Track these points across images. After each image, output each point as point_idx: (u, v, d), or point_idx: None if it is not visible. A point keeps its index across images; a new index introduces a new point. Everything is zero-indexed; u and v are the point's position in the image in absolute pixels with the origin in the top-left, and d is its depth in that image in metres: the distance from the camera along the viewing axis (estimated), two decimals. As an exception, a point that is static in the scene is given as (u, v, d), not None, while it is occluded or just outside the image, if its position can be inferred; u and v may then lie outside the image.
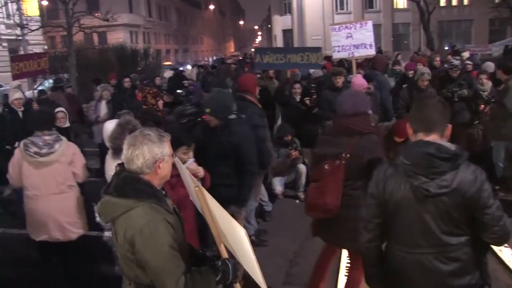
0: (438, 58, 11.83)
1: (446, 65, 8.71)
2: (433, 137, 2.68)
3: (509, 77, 6.93)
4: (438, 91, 8.26)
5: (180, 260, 2.55)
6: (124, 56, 23.28)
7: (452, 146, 2.64)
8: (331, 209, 4.06)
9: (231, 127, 4.90)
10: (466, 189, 2.56)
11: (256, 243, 6.11)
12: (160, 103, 7.13)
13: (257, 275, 2.59)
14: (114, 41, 30.95)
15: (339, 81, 7.83)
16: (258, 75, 9.95)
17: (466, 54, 13.89)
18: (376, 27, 42.39)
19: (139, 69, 21.07)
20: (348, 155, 4.00)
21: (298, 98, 8.16)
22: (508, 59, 9.93)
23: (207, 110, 4.95)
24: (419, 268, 2.71)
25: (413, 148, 2.70)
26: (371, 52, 10.15)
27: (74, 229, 4.93)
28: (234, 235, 2.62)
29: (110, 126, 4.77)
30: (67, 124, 7.68)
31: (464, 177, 2.56)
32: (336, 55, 10.45)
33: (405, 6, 42.26)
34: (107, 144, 4.66)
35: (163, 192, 2.79)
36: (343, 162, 4.01)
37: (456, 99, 7.86)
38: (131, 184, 2.59)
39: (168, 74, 17.68)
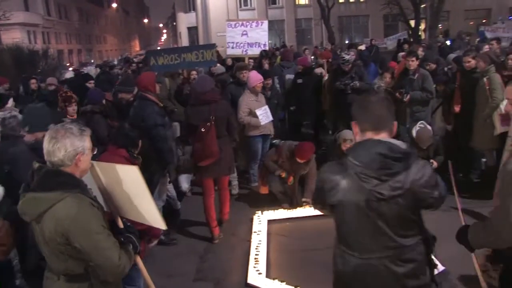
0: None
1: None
2: (383, 135, 2.56)
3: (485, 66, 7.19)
4: (332, 84, 8.72)
5: (113, 237, 2.75)
6: (21, 57, 22.09)
7: (402, 145, 2.54)
8: (215, 155, 6.01)
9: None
10: (417, 188, 2.47)
11: (165, 242, 6.13)
12: (72, 108, 6.66)
13: (158, 219, 3.00)
14: (10, 41, 29.21)
15: (245, 75, 7.96)
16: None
17: (362, 47, 14.58)
18: (280, 23, 43.53)
19: (39, 71, 20.11)
20: (213, 117, 5.94)
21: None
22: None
23: (26, 129, 4.99)
24: (375, 273, 2.56)
25: (363, 148, 2.54)
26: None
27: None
28: (130, 194, 2.95)
29: None
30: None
31: (415, 176, 2.46)
32: (230, 52, 10.66)
33: (307, 2, 43.55)
34: None
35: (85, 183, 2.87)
36: (212, 122, 5.94)
37: (349, 91, 8.29)
38: (55, 177, 2.67)
39: (69, 75, 16.98)
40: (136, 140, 4.82)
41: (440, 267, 4.97)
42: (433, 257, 2.72)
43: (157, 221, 3.04)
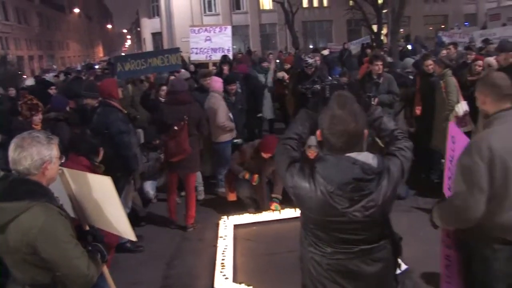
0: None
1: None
2: (355, 151, 2.45)
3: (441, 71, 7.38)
4: (295, 87, 8.85)
5: (81, 247, 2.72)
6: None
7: (374, 160, 2.45)
8: (187, 152, 6.45)
9: None
10: (388, 203, 2.48)
11: (131, 250, 6.09)
12: (37, 117, 6.26)
13: (128, 230, 2.99)
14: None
15: (208, 83, 7.99)
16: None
17: (325, 52, 14.78)
18: (244, 28, 43.64)
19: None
20: (187, 117, 6.40)
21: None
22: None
23: None
24: (345, 273, 2.54)
25: (336, 170, 2.41)
26: (229, 56, 10.53)
27: None
28: (101, 204, 2.97)
29: None
30: None
31: (386, 190, 2.42)
32: (194, 57, 10.69)
33: (271, 7, 43.71)
34: None
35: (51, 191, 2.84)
36: (186, 122, 6.39)
37: (310, 95, 8.38)
38: (22, 186, 2.63)
39: (30, 82, 16.67)
40: (97, 147, 4.77)
41: (403, 266, 5.09)
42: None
43: (127, 231, 3.03)
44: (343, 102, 2.45)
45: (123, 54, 48.19)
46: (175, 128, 6.39)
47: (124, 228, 3.03)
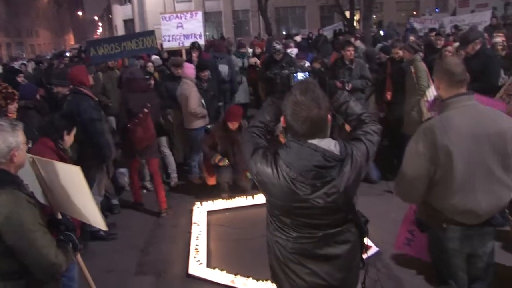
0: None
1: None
2: (318, 137, 2.45)
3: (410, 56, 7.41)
4: (264, 73, 8.98)
5: (50, 235, 2.70)
6: None
7: (336, 147, 2.44)
8: (153, 137, 6.74)
9: None
10: (351, 188, 2.46)
11: (105, 238, 6.07)
12: (13, 106, 6.06)
13: (99, 219, 2.98)
14: None
15: (179, 71, 7.95)
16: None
17: (298, 38, 14.80)
18: (217, 14, 43.30)
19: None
20: (149, 104, 6.57)
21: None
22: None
23: None
24: (311, 256, 2.57)
25: (298, 157, 2.41)
26: (200, 42, 10.49)
27: None
28: (71, 193, 2.96)
29: None
30: None
31: (349, 176, 2.41)
32: (166, 45, 10.60)
33: (244, -7, 43.51)
34: None
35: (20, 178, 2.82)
36: (149, 108, 6.54)
37: (278, 80, 8.46)
38: None
39: (-3, 70, 16.28)
40: (60, 129, 4.58)
41: (375, 249, 5.20)
42: (365, 239, 2.76)
43: (97, 220, 3.03)
44: (305, 88, 2.43)
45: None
46: (141, 115, 6.49)
47: (94, 217, 3.03)
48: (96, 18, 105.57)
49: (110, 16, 59.49)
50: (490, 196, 3.00)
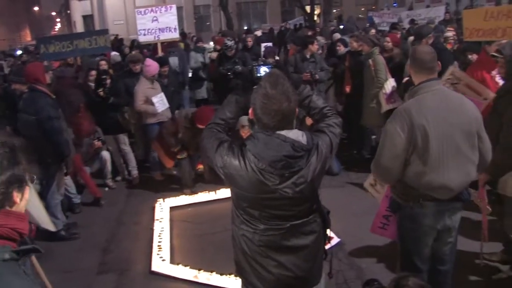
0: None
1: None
2: (286, 129, 2.46)
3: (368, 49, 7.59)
4: (217, 69, 9.12)
5: None
6: None
7: (303, 137, 2.47)
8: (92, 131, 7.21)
9: None
10: (317, 178, 2.51)
11: (66, 238, 5.99)
12: None
13: (46, 219, 2.77)
14: None
15: (137, 68, 7.88)
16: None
17: (258, 33, 14.82)
18: (178, 10, 42.50)
19: None
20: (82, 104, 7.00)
21: (93, 85, 7.81)
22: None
23: None
24: (277, 247, 2.58)
25: (266, 147, 2.41)
26: (175, 35, 10.53)
27: None
28: None
29: None
30: None
31: (315, 166, 2.45)
32: (142, 39, 10.49)
33: (205, -11, 43.24)
34: None
35: None
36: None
37: (232, 76, 8.61)
38: None
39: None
40: None
41: (336, 239, 5.29)
42: (328, 230, 2.81)
43: (45, 221, 2.97)
44: (275, 82, 2.42)
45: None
46: (80, 111, 6.94)
47: (42, 218, 2.96)
48: (53, 14, 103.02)
49: (68, 12, 58.20)
50: (460, 172, 3.21)
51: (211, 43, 13.83)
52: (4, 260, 1.63)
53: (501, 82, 4.84)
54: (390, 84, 7.32)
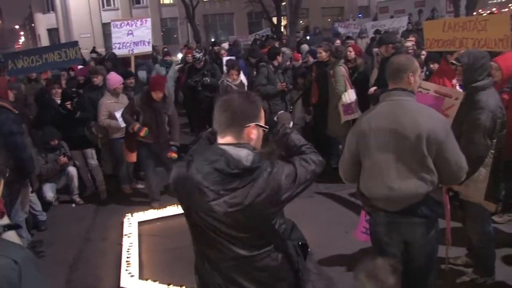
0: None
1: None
2: (227, 139, 2.34)
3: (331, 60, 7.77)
4: (186, 81, 9.25)
5: None
6: None
7: (248, 157, 2.28)
8: None
9: None
10: (262, 206, 2.27)
11: (32, 256, 5.85)
12: None
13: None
14: None
15: (96, 80, 7.82)
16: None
17: (225, 45, 14.86)
18: (146, 23, 42.77)
19: None
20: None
21: (58, 100, 7.73)
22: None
23: None
24: (226, 283, 2.43)
25: (203, 158, 2.32)
26: (148, 49, 10.53)
27: None
28: None
29: None
30: None
31: (258, 191, 2.24)
32: (117, 52, 10.45)
33: (171, 1, 43.32)
34: None
35: None
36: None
37: (200, 88, 8.68)
38: None
39: None
40: None
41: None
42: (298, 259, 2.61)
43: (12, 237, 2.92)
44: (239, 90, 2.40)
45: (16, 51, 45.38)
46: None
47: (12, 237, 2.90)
48: (17, 27, 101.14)
49: (32, 25, 57.31)
50: (403, 185, 3.16)
51: (179, 55, 13.80)
52: None
53: (461, 90, 4.98)
54: (348, 95, 7.45)
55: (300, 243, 2.68)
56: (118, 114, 7.19)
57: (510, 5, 45.38)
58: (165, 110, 6.93)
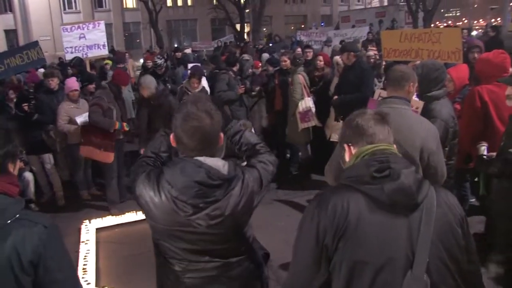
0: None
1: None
2: (207, 153, 2.29)
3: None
4: None
5: None
6: None
7: (224, 167, 2.28)
8: None
9: None
10: (240, 214, 2.29)
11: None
12: None
13: None
14: None
15: (52, 83, 7.69)
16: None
17: (188, 51, 14.87)
18: (107, 26, 41.98)
19: None
20: None
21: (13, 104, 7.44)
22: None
23: None
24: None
25: (181, 173, 2.22)
26: (104, 52, 10.40)
27: None
28: None
29: None
30: None
31: (236, 200, 2.24)
32: (69, 56, 10.27)
33: (135, 6, 42.93)
34: None
35: None
36: None
37: None
38: None
39: None
40: None
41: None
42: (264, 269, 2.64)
43: None
44: (196, 100, 2.29)
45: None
46: None
47: None
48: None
49: (-11, 26, 55.62)
50: None
51: (141, 61, 13.68)
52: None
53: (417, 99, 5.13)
54: (305, 103, 7.55)
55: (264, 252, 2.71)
56: (79, 120, 7.04)
57: (464, 19, 47.11)
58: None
